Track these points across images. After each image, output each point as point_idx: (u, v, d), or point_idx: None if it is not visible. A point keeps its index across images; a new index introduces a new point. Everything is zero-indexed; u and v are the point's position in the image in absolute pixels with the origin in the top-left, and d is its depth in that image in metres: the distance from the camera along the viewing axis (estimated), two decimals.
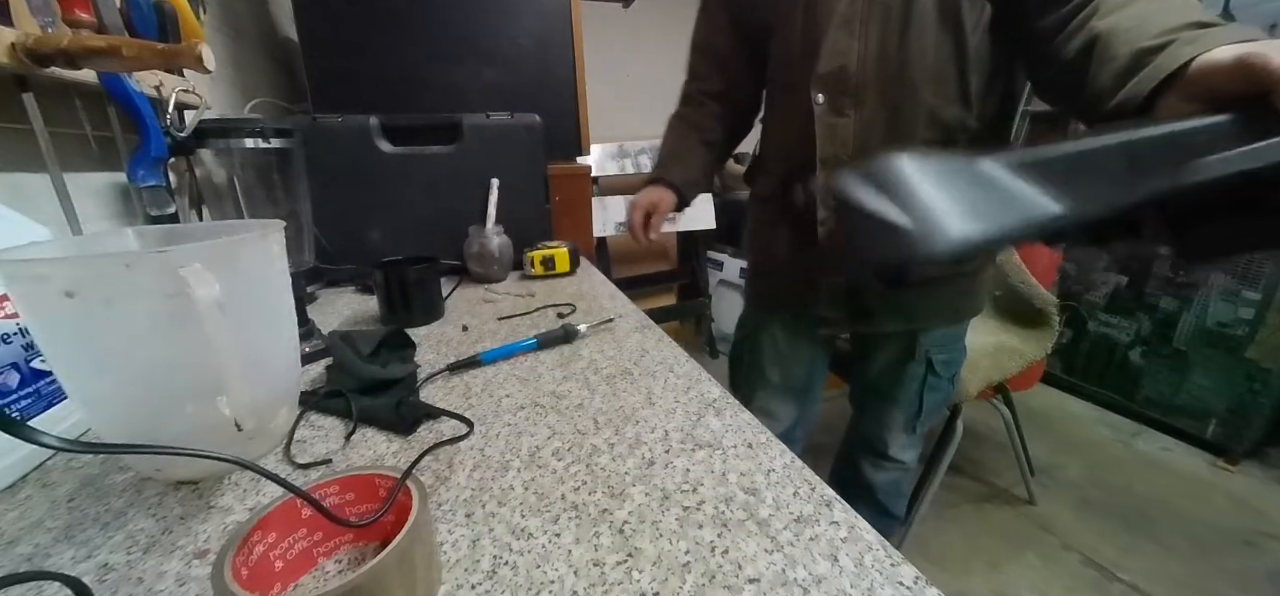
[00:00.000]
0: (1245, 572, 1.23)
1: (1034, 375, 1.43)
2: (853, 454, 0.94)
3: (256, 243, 0.37)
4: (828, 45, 0.64)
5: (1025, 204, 0.33)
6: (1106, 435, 1.77)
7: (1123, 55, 0.43)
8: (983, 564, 1.29)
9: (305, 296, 0.77)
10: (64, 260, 0.33)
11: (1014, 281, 1.29)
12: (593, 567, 0.28)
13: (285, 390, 0.42)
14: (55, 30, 0.53)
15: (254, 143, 0.56)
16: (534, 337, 0.59)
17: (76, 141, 0.62)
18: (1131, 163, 0.32)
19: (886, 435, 0.87)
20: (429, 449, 0.39)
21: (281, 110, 1.18)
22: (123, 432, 0.35)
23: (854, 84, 0.64)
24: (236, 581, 0.23)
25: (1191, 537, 1.34)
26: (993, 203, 0.34)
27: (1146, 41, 0.41)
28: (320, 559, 0.30)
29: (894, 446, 0.87)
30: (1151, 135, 0.32)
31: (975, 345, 1.23)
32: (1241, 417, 1.55)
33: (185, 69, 0.51)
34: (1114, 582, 1.22)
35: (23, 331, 0.39)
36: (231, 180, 0.56)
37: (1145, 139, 0.32)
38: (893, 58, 0.62)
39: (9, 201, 0.43)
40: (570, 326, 0.61)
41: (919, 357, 0.79)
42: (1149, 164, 0.31)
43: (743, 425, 0.42)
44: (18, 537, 0.32)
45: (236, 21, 1.09)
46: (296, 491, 0.26)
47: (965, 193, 0.35)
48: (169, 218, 0.65)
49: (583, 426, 0.43)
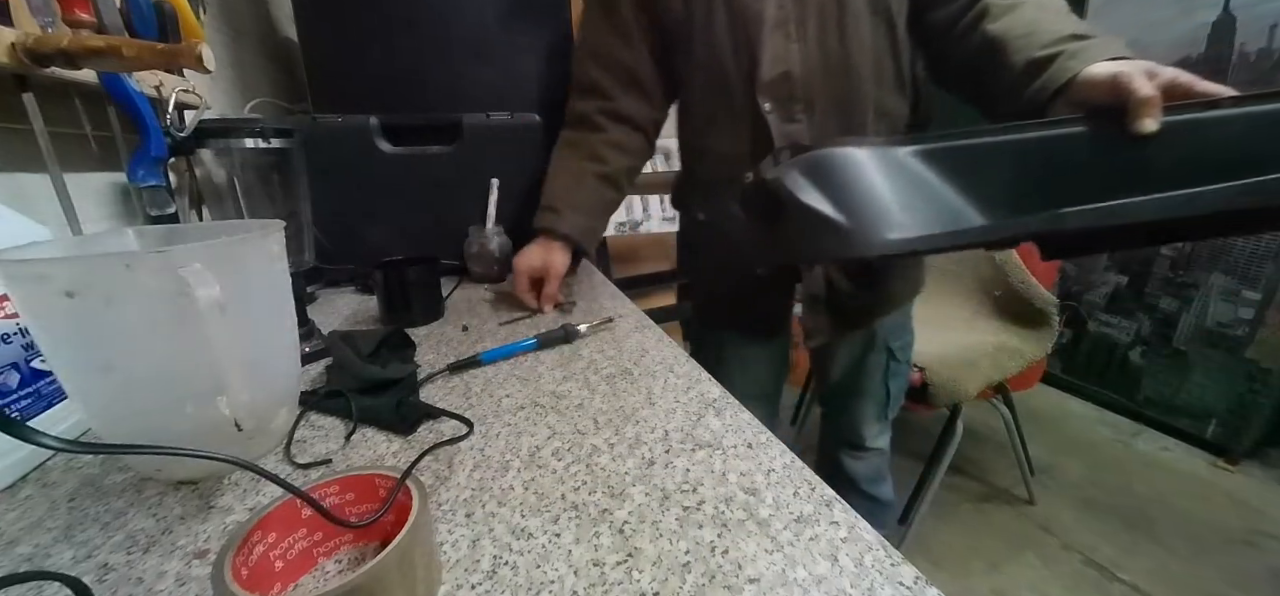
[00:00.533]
0: (1245, 572, 1.23)
1: (1034, 375, 1.43)
2: (832, 451, 0.95)
3: (256, 243, 0.37)
4: (767, 52, 0.62)
5: (952, 214, 0.39)
6: (1106, 435, 1.77)
7: (1018, 63, 0.51)
8: (983, 564, 1.29)
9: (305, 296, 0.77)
10: (64, 260, 0.33)
11: (1014, 281, 1.29)
12: (593, 567, 0.28)
13: (285, 390, 0.42)
14: (55, 30, 0.53)
15: (254, 143, 0.56)
16: (534, 338, 0.59)
17: (76, 141, 0.62)
18: (1019, 162, 0.40)
19: (861, 428, 0.88)
20: (429, 449, 0.39)
21: (281, 110, 1.18)
22: (123, 433, 0.35)
23: (801, 88, 0.63)
24: (236, 581, 0.23)
25: (1191, 537, 1.34)
26: (922, 206, 0.40)
27: (1037, 52, 0.49)
28: (320, 559, 0.30)
29: (869, 437, 0.89)
30: (1034, 138, 0.40)
31: (975, 345, 1.23)
32: (1241, 417, 1.55)
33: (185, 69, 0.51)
34: (1114, 582, 1.22)
35: (23, 331, 0.39)
36: (231, 180, 0.56)
37: (1030, 141, 0.40)
38: (835, 54, 0.62)
39: (9, 201, 0.43)
40: (570, 326, 0.61)
41: (879, 348, 0.81)
42: (1033, 169, 0.39)
43: (743, 425, 0.42)
44: (18, 537, 0.32)
45: (236, 21, 1.10)
46: (296, 491, 0.26)
47: (897, 191, 0.41)
48: (169, 218, 0.65)
49: (583, 426, 0.43)
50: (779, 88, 0.63)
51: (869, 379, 0.83)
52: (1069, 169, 0.39)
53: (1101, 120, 0.38)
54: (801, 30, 0.61)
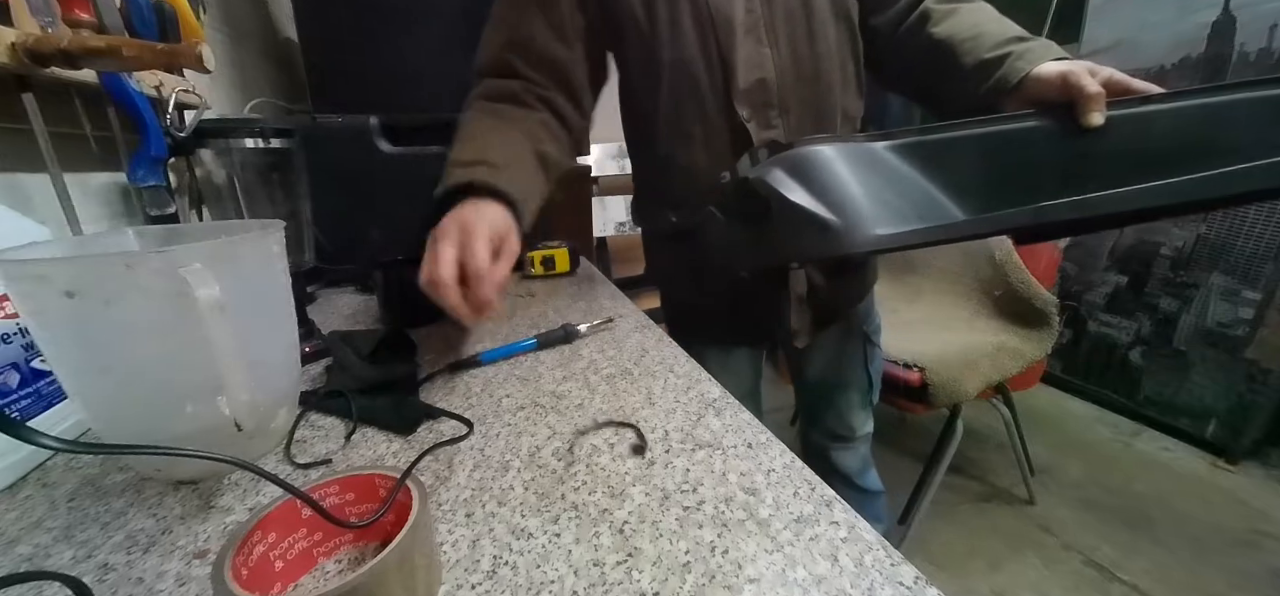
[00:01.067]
0: (1245, 572, 1.23)
1: (1034, 375, 1.43)
2: (820, 447, 0.94)
3: (256, 242, 0.37)
4: (742, 58, 0.59)
5: (932, 208, 0.42)
6: (1106, 435, 1.77)
7: (967, 64, 0.54)
8: (983, 564, 1.29)
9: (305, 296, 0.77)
10: (64, 260, 0.33)
11: (1014, 281, 1.29)
12: (593, 567, 0.28)
13: (285, 390, 0.42)
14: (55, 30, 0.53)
15: (254, 143, 0.56)
16: (534, 337, 0.59)
17: (76, 141, 0.62)
18: (985, 154, 0.44)
19: (850, 418, 0.88)
20: (429, 449, 0.39)
21: (281, 110, 1.18)
22: (123, 433, 0.35)
23: (777, 94, 0.61)
24: (236, 581, 0.23)
25: (1191, 537, 1.33)
26: (902, 200, 0.43)
27: (986, 54, 0.52)
28: (320, 559, 0.30)
29: (859, 425, 0.89)
30: (996, 132, 0.44)
31: (975, 345, 1.23)
32: (1241, 417, 1.55)
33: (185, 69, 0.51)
34: (1114, 583, 1.22)
35: (23, 331, 0.39)
36: (231, 180, 0.56)
37: (993, 135, 0.44)
38: (806, 59, 0.61)
39: (9, 201, 0.44)
40: (570, 326, 0.61)
41: (856, 335, 0.82)
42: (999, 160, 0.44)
43: (743, 425, 0.42)
44: (18, 537, 0.32)
45: (236, 21, 1.10)
46: (296, 492, 0.26)
47: (878, 188, 0.43)
48: (169, 218, 0.65)
49: (583, 426, 0.43)
50: (756, 95, 0.61)
51: (852, 368, 0.84)
52: (1031, 159, 0.44)
53: (1055, 115, 0.43)
54: (773, 35, 0.60)
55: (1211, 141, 0.40)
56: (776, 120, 0.62)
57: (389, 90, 1.05)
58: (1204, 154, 0.40)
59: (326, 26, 1.04)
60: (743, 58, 0.59)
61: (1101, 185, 0.41)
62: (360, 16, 1.02)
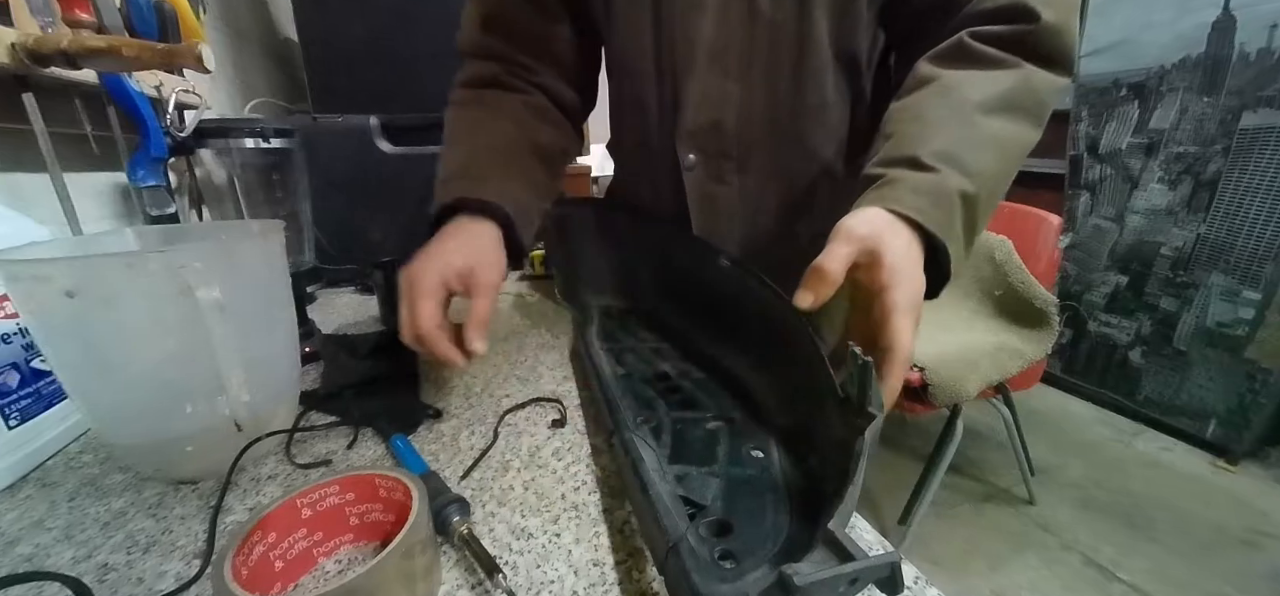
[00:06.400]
0: (1245, 572, 1.23)
1: (1034, 375, 1.42)
2: None
3: (256, 242, 0.37)
4: (695, 89, 0.47)
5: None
6: (1106, 435, 1.77)
7: (873, 152, 0.39)
8: (983, 564, 1.29)
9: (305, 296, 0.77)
10: (64, 260, 0.33)
11: (1014, 281, 1.29)
12: (593, 567, 0.28)
13: (285, 390, 0.42)
14: (55, 30, 0.53)
15: (254, 143, 0.56)
16: None
17: (76, 141, 0.62)
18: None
19: None
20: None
21: (281, 110, 1.18)
22: (123, 433, 0.35)
23: (735, 144, 0.49)
24: (236, 581, 0.23)
25: (1191, 537, 1.33)
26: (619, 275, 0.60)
27: (872, 165, 0.37)
28: (320, 559, 0.29)
29: None
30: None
31: (975, 345, 1.23)
32: (1241, 417, 1.55)
33: (185, 69, 0.51)
34: (1114, 582, 1.22)
35: (23, 331, 0.39)
36: (231, 180, 0.56)
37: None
38: (785, 106, 0.48)
39: (9, 201, 0.44)
40: None
41: None
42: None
43: None
44: (18, 537, 0.32)
45: (236, 21, 1.10)
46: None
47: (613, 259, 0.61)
48: (169, 218, 0.66)
49: (583, 426, 0.43)
50: (707, 139, 0.49)
51: None
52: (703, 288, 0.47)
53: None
54: (745, 68, 0.46)
55: None
56: (731, 176, 0.50)
57: (389, 90, 1.05)
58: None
59: (326, 26, 1.04)
60: (697, 90, 0.48)
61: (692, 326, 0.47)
62: (360, 16, 1.02)
